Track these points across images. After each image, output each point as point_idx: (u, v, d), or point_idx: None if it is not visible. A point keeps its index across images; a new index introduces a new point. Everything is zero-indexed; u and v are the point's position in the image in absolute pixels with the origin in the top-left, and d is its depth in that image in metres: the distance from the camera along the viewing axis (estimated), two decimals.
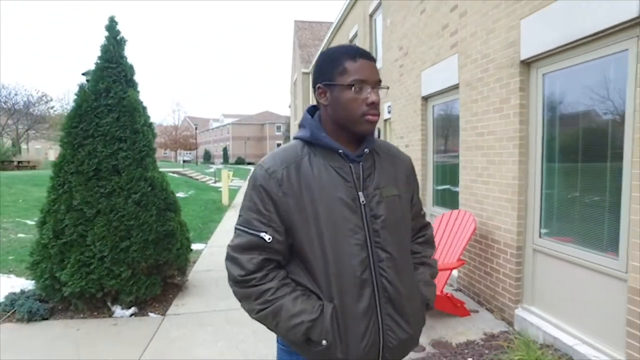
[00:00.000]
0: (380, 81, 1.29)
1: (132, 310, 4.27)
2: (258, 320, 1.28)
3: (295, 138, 1.38)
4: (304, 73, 23.86)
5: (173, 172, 22.62)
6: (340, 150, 1.29)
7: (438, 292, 3.90)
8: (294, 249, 1.28)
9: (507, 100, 3.81)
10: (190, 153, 62.57)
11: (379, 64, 8.66)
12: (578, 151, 3.28)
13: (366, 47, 11.29)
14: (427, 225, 1.60)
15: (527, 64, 3.66)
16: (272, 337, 1.40)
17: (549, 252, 3.48)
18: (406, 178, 1.42)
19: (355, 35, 12.90)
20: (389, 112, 7.49)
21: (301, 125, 1.37)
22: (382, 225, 1.28)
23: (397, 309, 1.29)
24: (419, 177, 5.88)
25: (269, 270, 1.25)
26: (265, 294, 1.23)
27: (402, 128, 6.60)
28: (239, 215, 1.31)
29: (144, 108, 4.63)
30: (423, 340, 3.53)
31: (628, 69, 2.66)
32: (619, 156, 2.80)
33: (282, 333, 1.25)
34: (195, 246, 5.84)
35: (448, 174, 5.37)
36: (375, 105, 1.27)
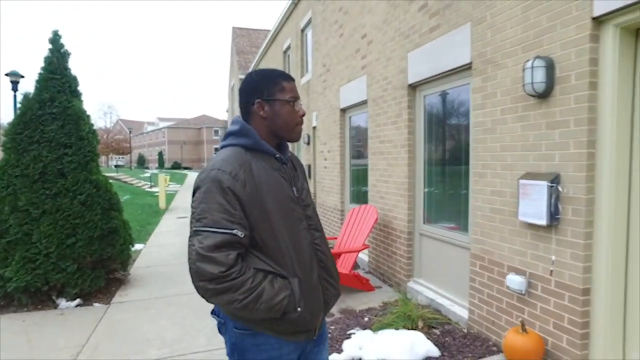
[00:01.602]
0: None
1: (77, 301, 4.68)
2: (235, 311, 1.39)
3: (233, 145, 1.52)
4: (242, 79, 24.26)
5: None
6: (277, 155, 1.54)
7: (347, 272, 4.77)
8: (254, 241, 1.44)
9: (400, 115, 4.78)
10: (122, 157, 60.10)
11: (308, 77, 9.53)
12: (446, 156, 4.29)
13: (298, 60, 12.13)
14: None
15: (413, 87, 4.65)
16: (209, 312, 1.67)
17: (430, 234, 4.47)
18: (305, 174, 1.78)
19: (289, 48, 13.70)
20: (316, 121, 8.37)
21: (240, 134, 1.52)
22: (311, 211, 1.61)
23: (328, 273, 1.61)
24: (338, 179, 6.83)
25: (242, 262, 1.38)
26: (246, 284, 1.35)
27: (325, 135, 7.48)
28: (202, 218, 1.38)
29: (88, 117, 5.08)
30: (334, 309, 4.36)
31: (470, 97, 3.67)
32: (468, 159, 3.81)
33: (261, 314, 1.40)
34: (135, 247, 6.23)
35: (361, 175, 6.31)
36: (303, 117, 1.60)
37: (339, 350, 3.41)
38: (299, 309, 1.45)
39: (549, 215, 2.75)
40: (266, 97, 1.52)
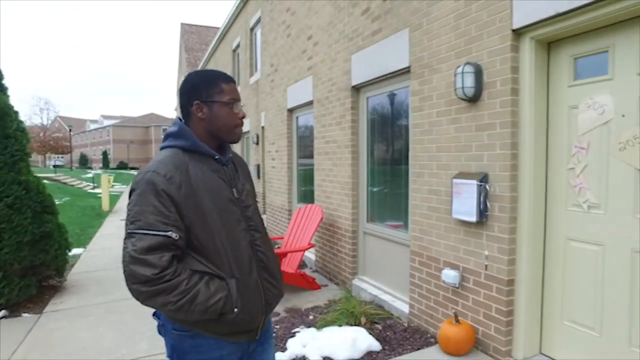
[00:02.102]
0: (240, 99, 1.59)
1: (3, 313, 4.32)
2: (170, 313, 1.40)
3: (172, 146, 1.52)
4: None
5: (42, 178, 20.67)
6: (217, 157, 1.54)
7: (293, 271, 4.80)
8: (191, 243, 1.44)
9: (344, 116, 4.88)
10: (62, 157, 56.67)
11: (257, 76, 9.47)
12: (388, 156, 4.43)
13: (247, 59, 12.02)
14: None
15: (357, 89, 4.76)
16: (151, 317, 1.65)
17: (373, 233, 4.60)
18: (249, 175, 1.76)
19: (238, 46, 13.54)
20: (265, 121, 8.33)
21: (178, 135, 1.52)
22: (252, 212, 1.61)
23: (270, 273, 1.61)
24: (286, 179, 6.85)
25: (177, 264, 1.37)
26: (181, 286, 1.35)
27: (273, 135, 7.48)
28: (136, 220, 1.37)
29: (16, 113, 4.77)
30: (279, 308, 4.38)
31: (409, 99, 3.81)
32: (408, 160, 3.96)
33: (197, 316, 1.39)
34: (72, 251, 5.90)
35: (308, 175, 6.36)
36: (243, 119, 1.59)
37: (283, 349, 3.44)
38: (235, 310, 1.45)
39: (479, 212, 2.92)
40: (205, 99, 1.52)
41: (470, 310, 3.15)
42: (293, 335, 3.70)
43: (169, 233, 1.36)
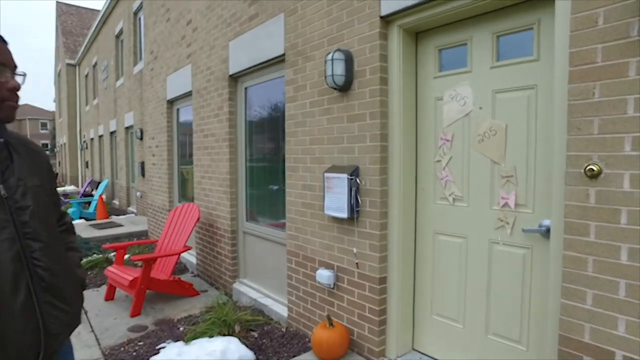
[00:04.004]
0: (17, 67, 1.24)
1: None
2: None
3: None
4: (69, 64, 21.21)
5: None
6: None
7: (166, 277, 4.31)
8: None
9: (222, 107, 4.50)
10: None
11: (141, 65, 8.62)
12: (267, 150, 4.16)
13: (131, 46, 10.97)
14: (65, 214, 1.65)
15: (235, 78, 4.41)
16: None
17: (253, 232, 4.29)
18: (46, 170, 1.42)
19: (122, 32, 12.32)
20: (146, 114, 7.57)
21: None
22: (30, 215, 1.25)
23: (55, 294, 1.28)
24: (166, 177, 6.25)
25: None
26: None
27: (153, 129, 6.80)
28: None
29: None
30: (148, 321, 3.87)
31: (285, 89, 3.57)
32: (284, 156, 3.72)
33: None
34: None
35: (190, 172, 5.85)
36: (16, 92, 1.23)
37: None
38: None
39: (350, 208, 2.77)
40: None
41: (345, 311, 3.00)
42: (157, 352, 3.26)
43: None
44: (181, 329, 3.71)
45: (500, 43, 2.32)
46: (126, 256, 5.54)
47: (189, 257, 5.66)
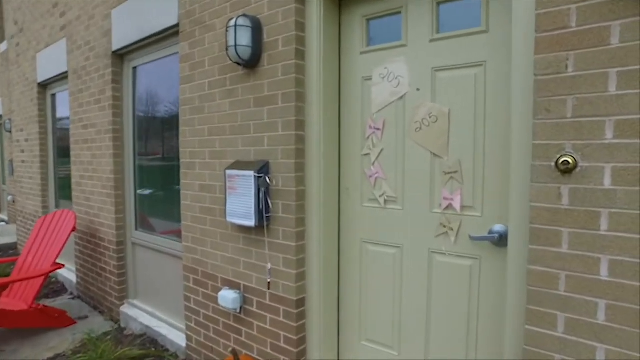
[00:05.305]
0: None
1: None
2: None
3: None
4: None
5: None
6: None
7: (26, 307, 3.37)
8: None
9: (104, 91, 3.66)
10: None
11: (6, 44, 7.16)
12: (161, 144, 3.42)
13: None
14: None
15: (120, 56, 3.60)
16: None
17: (145, 243, 3.53)
18: None
19: None
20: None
21: None
22: None
23: None
24: (38, 177, 5.13)
25: None
26: None
27: (21, 120, 5.59)
28: None
29: None
30: None
31: (179, 67, 2.89)
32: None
33: None
34: None
35: (70, 172, 4.85)
36: None
37: None
38: None
39: (258, 214, 2.20)
40: None
41: (256, 341, 2.43)
42: None
43: None
44: None
45: (442, 11, 1.91)
46: None
47: (68, 274, 4.66)
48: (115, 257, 3.67)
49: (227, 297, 2.43)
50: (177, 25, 2.87)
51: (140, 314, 3.52)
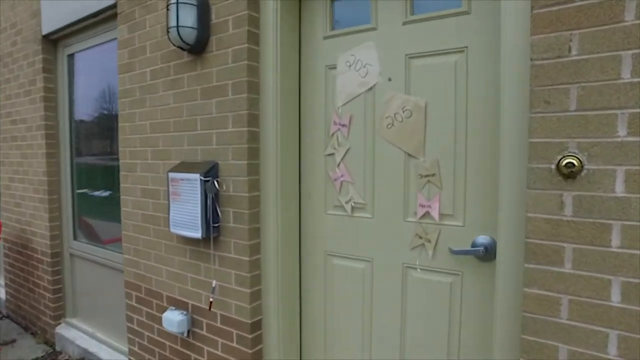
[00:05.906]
0: None
1: None
2: None
3: None
4: None
5: None
6: None
7: None
8: None
9: (35, 82, 3.21)
10: None
11: None
12: (101, 142, 3.03)
13: None
14: None
15: (53, 41, 3.17)
16: None
17: (84, 255, 3.12)
18: None
19: None
20: None
21: None
22: None
23: None
24: None
25: None
26: None
27: None
28: None
29: None
30: None
31: (118, 54, 2.52)
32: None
33: None
34: None
35: None
36: None
37: None
38: None
39: (205, 224, 1.88)
40: None
41: None
42: None
43: None
44: None
45: None
46: None
47: None
48: (49, 270, 3.23)
49: (172, 320, 2.09)
50: (115, 6, 2.50)
51: (79, 335, 3.11)
